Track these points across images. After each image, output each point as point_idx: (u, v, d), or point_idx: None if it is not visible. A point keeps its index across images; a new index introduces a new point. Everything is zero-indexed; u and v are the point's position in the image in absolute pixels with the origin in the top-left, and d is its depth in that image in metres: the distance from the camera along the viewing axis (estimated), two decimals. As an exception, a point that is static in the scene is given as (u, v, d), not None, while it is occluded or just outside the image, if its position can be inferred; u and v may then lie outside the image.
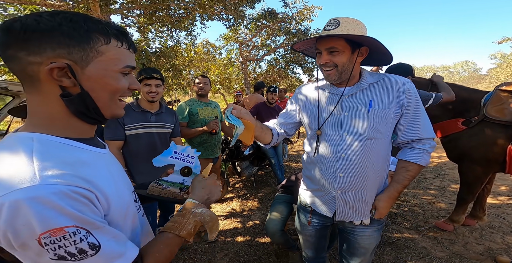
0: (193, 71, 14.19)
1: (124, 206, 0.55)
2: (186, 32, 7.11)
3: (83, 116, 0.50)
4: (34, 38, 0.43)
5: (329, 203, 1.06)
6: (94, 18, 0.48)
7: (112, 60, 0.49)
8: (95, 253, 0.43)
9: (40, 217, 0.39)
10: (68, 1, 4.23)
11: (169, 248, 0.57)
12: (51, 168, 0.42)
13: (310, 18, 8.73)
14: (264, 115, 3.32)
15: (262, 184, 3.84)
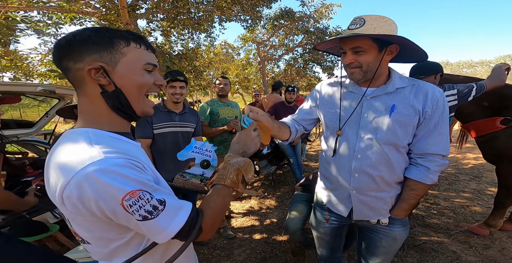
0: (213, 72, 14.50)
1: (163, 186, 0.63)
2: (205, 34, 7.30)
3: (120, 112, 0.59)
4: (75, 49, 0.54)
5: (344, 202, 1.05)
6: (114, 29, 0.59)
7: (134, 59, 0.57)
8: (164, 208, 0.52)
9: (115, 184, 0.47)
10: (101, 8, 4.55)
11: (221, 197, 0.65)
12: (107, 148, 0.51)
13: (328, 16, 8.54)
14: (283, 114, 3.34)
15: (280, 183, 3.86)
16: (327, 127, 1.06)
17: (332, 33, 8.96)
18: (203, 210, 0.61)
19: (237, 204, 3.25)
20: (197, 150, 0.83)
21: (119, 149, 0.53)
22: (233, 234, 2.46)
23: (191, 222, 0.56)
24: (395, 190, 1.01)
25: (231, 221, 2.81)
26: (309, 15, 8.89)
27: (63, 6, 4.29)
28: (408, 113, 0.90)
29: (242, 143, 0.76)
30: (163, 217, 0.52)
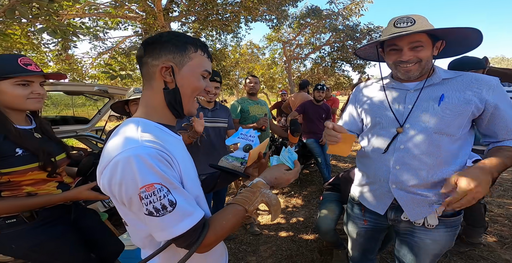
0: (239, 72, 14.74)
1: (193, 186, 0.65)
2: (232, 34, 7.46)
3: (172, 108, 0.66)
4: (157, 47, 0.63)
5: (381, 198, 1.00)
6: (187, 35, 0.67)
7: (197, 64, 0.65)
8: (172, 210, 0.54)
9: (140, 172, 0.51)
10: (141, 13, 4.91)
11: (235, 218, 0.63)
12: (148, 137, 0.56)
13: (359, 13, 8.18)
14: (311, 113, 3.30)
15: (307, 183, 3.82)
16: (382, 126, 1.01)
17: (363, 30, 8.50)
18: (212, 224, 0.60)
19: (263, 201, 3.28)
20: (242, 136, 0.90)
21: (158, 140, 0.57)
22: (259, 231, 2.49)
23: (193, 232, 0.56)
24: None
25: (257, 218, 2.86)
26: (338, 13, 8.61)
27: (110, 12, 4.73)
28: (459, 102, 0.87)
29: (278, 182, 0.74)
30: (168, 218, 0.53)
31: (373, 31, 8.35)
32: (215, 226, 0.60)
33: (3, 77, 0.92)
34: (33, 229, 1.01)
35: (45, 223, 1.04)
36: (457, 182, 0.75)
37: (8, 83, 0.93)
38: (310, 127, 3.35)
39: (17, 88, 0.94)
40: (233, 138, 0.90)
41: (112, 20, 5.51)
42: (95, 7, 4.86)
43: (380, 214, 1.03)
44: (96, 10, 4.90)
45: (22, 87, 0.95)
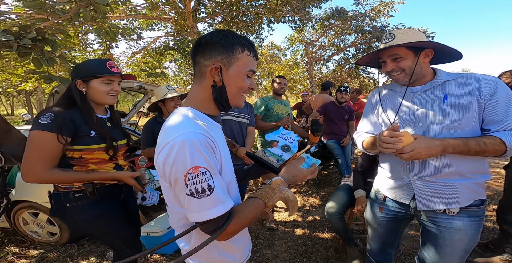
0: (259, 73, 14.89)
1: (228, 172, 0.71)
2: (255, 35, 7.58)
3: (217, 102, 0.72)
4: (208, 48, 0.67)
5: (405, 189, 1.07)
6: (237, 34, 0.70)
7: (243, 65, 0.69)
8: (210, 194, 0.58)
9: (191, 155, 0.57)
10: (173, 15, 5.21)
11: (255, 210, 0.67)
12: (199, 125, 0.63)
13: (388, 14, 7.92)
14: (333, 114, 3.31)
15: (325, 183, 3.83)
16: (385, 125, 1.13)
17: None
18: (236, 214, 0.64)
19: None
20: (282, 136, 0.94)
21: (206, 127, 0.65)
22: (276, 226, 2.56)
23: (222, 218, 0.61)
24: (467, 178, 0.96)
25: (274, 214, 2.92)
26: (364, 14, 8.41)
27: (146, 13, 5.09)
28: (462, 98, 0.95)
29: (296, 177, 0.78)
30: (205, 201, 0.58)
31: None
32: (238, 216, 0.64)
33: (96, 76, 1.14)
34: (93, 203, 1.18)
35: (102, 199, 1.21)
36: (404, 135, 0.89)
37: (98, 81, 1.15)
38: (331, 128, 3.36)
39: (103, 85, 1.16)
40: (274, 135, 0.94)
41: (147, 21, 5.90)
42: (133, 9, 5.26)
43: (404, 203, 1.08)
44: (134, 12, 5.29)
45: (106, 85, 1.17)
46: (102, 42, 4.44)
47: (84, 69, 1.15)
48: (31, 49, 1.50)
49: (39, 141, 1.01)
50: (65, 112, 1.07)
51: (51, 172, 1.04)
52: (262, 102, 2.56)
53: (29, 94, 16.16)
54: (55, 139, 1.02)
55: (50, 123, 1.02)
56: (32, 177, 1.04)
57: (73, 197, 1.15)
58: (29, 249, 2.34)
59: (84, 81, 1.15)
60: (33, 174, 1.02)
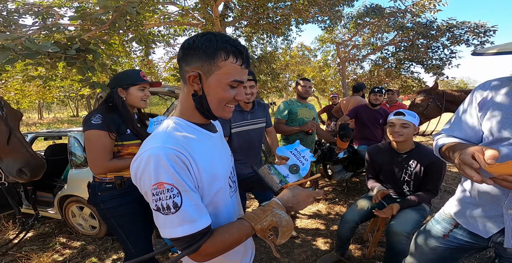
0: (289, 75, 14.75)
1: (214, 182, 0.66)
2: (282, 37, 7.52)
3: (201, 112, 0.67)
4: (189, 53, 0.62)
5: (489, 222, 0.87)
6: (225, 37, 0.62)
7: (225, 74, 0.62)
8: (175, 212, 0.56)
9: (155, 170, 0.55)
10: (202, 20, 5.45)
11: (239, 234, 0.62)
12: (171, 138, 0.60)
13: (435, 9, 7.18)
14: (365, 118, 3.10)
15: (355, 191, 3.61)
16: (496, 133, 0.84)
17: (442, 27, 7.34)
18: (213, 235, 0.61)
19: (305, 205, 3.23)
20: (295, 153, 0.85)
21: (181, 141, 0.60)
22: (296, 234, 2.47)
23: (191, 238, 0.57)
24: None
25: (295, 221, 2.83)
26: (405, 10, 7.77)
27: (178, 20, 5.41)
28: None
29: (296, 200, 0.70)
30: (171, 219, 0.56)
31: (455, 28, 7.13)
32: (215, 238, 0.60)
33: (134, 84, 1.37)
34: (118, 194, 1.32)
35: (126, 192, 1.34)
36: None
37: (135, 88, 1.38)
38: (363, 133, 3.15)
39: (139, 91, 1.39)
40: (286, 149, 0.85)
41: (180, 27, 6.28)
42: (167, 16, 5.65)
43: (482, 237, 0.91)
44: (168, 19, 5.69)
45: (141, 91, 1.40)
46: (142, 49, 4.84)
47: (123, 78, 1.38)
48: (76, 59, 1.66)
49: (97, 139, 1.22)
50: (109, 114, 1.29)
51: (111, 162, 1.26)
52: (286, 106, 2.48)
53: (89, 98, 18.39)
54: (107, 135, 1.23)
55: (102, 123, 1.23)
56: (100, 169, 1.25)
57: (104, 187, 1.32)
58: (73, 240, 2.61)
59: (124, 88, 1.37)
60: (100, 166, 1.24)
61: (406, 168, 1.74)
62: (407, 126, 1.66)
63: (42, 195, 2.98)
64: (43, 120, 22.66)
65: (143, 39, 2.01)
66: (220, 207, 0.70)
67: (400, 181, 1.79)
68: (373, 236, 2.01)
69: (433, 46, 7.82)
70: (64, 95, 8.60)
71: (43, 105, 25.71)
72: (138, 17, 1.91)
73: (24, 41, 1.30)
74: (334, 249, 2.01)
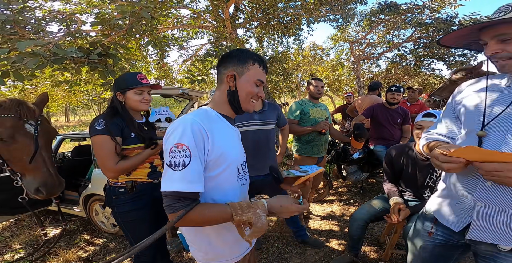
0: (301, 75, 14.64)
1: (223, 159, 0.79)
2: (294, 37, 7.48)
3: (231, 104, 0.88)
4: (227, 60, 0.86)
5: (460, 215, 0.88)
6: (252, 51, 0.89)
7: (252, 74, 0.85)
8: (182, 169, 0.69)
9: (182, 133, 0.71)
10: (213, 22, 5.55)
11: (218, 215, 0.72)
12: (201, 115, 0.80)
13: (455, 4, 6.82)
14: (381, 118, 3.01)
15: (371, 192, 3.51)
16: (465, 130, 0.90)
17: (464, 22, 6.96)
18: (199, 207, 0.70)
19: (317, 206, 3.20)
20: (309, 168, 1.11)
21: (206, 120, 0.78)
22: (309, 235, 2.44)
23: (180, 198, 0.68)
24: None
25: (308, 222, 2.80)
26: (423, 6, 7.46)
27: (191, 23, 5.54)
28: None
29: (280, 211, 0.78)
30: (175, 174, 0.69)
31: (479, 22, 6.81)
32: (197, 208, 0.70)
33: (130, 88, 1.34)
34: (130, 198, 1.35)
35: (137, 196, 1.37)
36: None
37: (132, 92, 1.36)
38: (379, 133, 3.06)
39: (136, 95, 1.36)
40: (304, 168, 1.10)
41: (192, 30, 6.43)
42: (180, 20, 5.80)
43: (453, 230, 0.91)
44: (181, 22, 5.84)
45: (138, 95, 1.37)
46: (157, 53, 5.00)
47: (120, 82, 1.36)
48: (98, 64, 1.75)
49: (101, 143, 1.24)
50: (112, 118, 1.30)
51: (119, 164, 1.26)
52: (298, 106, 2.46)
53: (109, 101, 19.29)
54: (111, 139, 1.25)
55: (104, 128, 1.25)
56: (110, 173, 1.28)
57: (118, 191, 1.34)
58: (96, 238, 2.73)
59: (122, 92, 1.36)
60: (109, 170, 1.26)
61: (432, 173, 1.63)
62: None
63: (69, 193, 3.15)
64: (70, 123, 24.04)
65: (157, 43, 2.09)
66: (226, 186, 0.82)
67: (422, 185, 1.69)
68: (390, 238, 1.95)
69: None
70: (87, 99, 9.06)
71: (69, 109, 27.21)
72: (153, 22, 1.99)
73: (52, 47, 1.39)
74: (347, 250, 1.97)
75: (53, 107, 9.40)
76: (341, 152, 3.18)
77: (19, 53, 1.34)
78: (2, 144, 1.21)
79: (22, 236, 2.78)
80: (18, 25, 1.73)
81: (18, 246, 2.61)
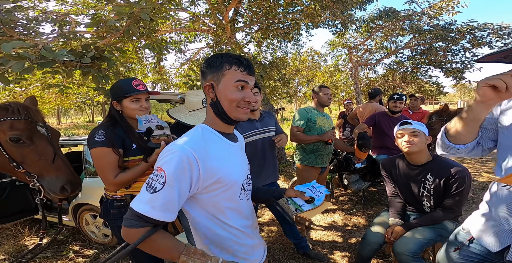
0: (298, 80, 14.67)
1: (225, 184, 0.76)
2: (292, 42, 7.48)
3: (219, 117, 0.79)
4: (205, 71, 0.79)
5: (498, 236, 0.87)
6: (228, 53, 0.79)
7: (229, 78, 0.76)
8: (151, 193, 0.68)
9: (167, 160, 0.69)
10: (212, 26, 5.48)
11: (166, 248, 0.71)
12: (192, 140, 0.73)
13: (453, 11, 6.92)
14: (384, 126, 2.94)
15: (372, 202, 3.44)
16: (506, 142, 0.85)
17: (462, 29, 7.05)
18: (156, 233, 0.71)
19: (319, 216, 3.10)
20: (312, 188, 1.00)
21: (201, 142, 0.74)
22: (311, 246, 2.35)
23: (139, 218, 0.68)
24: None
25: (310, 233, 2.70)
26: (421, 12, 7.54)
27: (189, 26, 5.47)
28: None
29: None
30: (146, 195, 0.69)
31: (477, 30, 6.83)
32: (154, 236, 0.70)
33: (125, 96, 1.25)
34: None
35: None
36: None
37: (128, 100, 1.26)
38: (382, 142, 2.99)
39: (132, 103, 1.27)
40: (304, 187, 1.00)
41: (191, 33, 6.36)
42: (179, 23, 5.72)
43: (490, 251, 0.90)
44: (180, 25, 5.76)
45: (134, 102, 1.27)
46: (155, 56, 4.90)
47: (115, 90, 1.28)
48: (91, 67, 1.64)
49: (103, 156, 1.18)
50: (112, 129, 1.23)
51: (118, 177, 1.19)
52: (304, 114, 2.35)
53: (104, 104, 19.05)
54: (112, 152, 1.18)
55: (105, 140, 1.18)
56: (111, 186, 1.21)
57: (116, 204, 1.27)
58: (86, 248, 2.58)
59: (118, 101, 1.27)
60: (109, 183, 1.20)
61: (424, 182, 1.61)
62: (417, 134, 1.55)
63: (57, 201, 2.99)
64: (61, 125, 23.60)
65: (155, 46, 1.99)
66: (228, 205, 0.79)
67: (419, 196, 1.66)
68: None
69: (453, 49, 7.52)
70: (80, 101, 8.85)
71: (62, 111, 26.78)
72: (151, 24, 1.90)
73: (40, 50, 1.28)
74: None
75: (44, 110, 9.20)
76: (343, 161, 3.10)
77: (4, 55, 1.23)
78: (17, 146, 1.19)
79: (6, 246, 2.61)
80: (7, 25, 1.61)
81: (2, 257, 2.44)
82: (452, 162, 1.57)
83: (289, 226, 2.16)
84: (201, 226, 0.80)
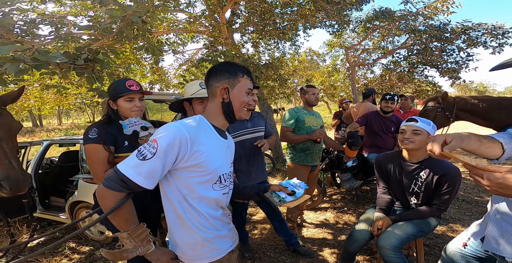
0: (297, 80, 14.72)
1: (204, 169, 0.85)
2: (290, 42, 7.52)
3: (226, 115, 0.93)
4: (218, 74, 0.92)
5: (480, 225, 0.96)
6: (237, 64, 0.96)
7: (243, 85, 0.93)
8: (140, 160, 0.77)
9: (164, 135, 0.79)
10: (209, 27, 5.54)
11: (122, 217, 0.82)
12: (188, 125, 0.85)
13: (448, 11, 6.95)
14: (376, 126, 2.99)
15: (365, 200, 3.49)
16: None
17: (457, 29, 7.03)
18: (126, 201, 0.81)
19: (311, 214, 3.15)
20: (293, 184, 1.18)
21: (194, 129, 0.84)
22: (302, 243, 2.39)
23: (123, 181, 0.76)
24: None
25: (302, 230, 2.75)
26: (416, 13, 7.58)
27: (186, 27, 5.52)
28: None
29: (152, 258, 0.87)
30: (134, 160, 0.78)
31: (471, 30, 6.83)
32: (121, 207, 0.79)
33: (120, 96, 1.32)
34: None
35: None
36: None
37: (122, 100, 1.34)
38: (374, 141, 3.05)
39: (126, 103, 1.34)
40: (287, 183, 1.18)
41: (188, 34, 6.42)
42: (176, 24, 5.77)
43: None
44: (177, 27, 5.82)
45: (128, 102, 1.35)
46: (152, 57, 4.95)
47: (111, 90, 1.35)
48: (85, 69, 1.70)
49: (94, 152, 1.24)
50: (105, 127, 1.30)
51: (109, 172, 1.22)
52: (293, 114, 2.40)
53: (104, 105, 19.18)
54: (103, 148, 1.25)
55: (97, 137, 1.25)
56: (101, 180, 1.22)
57: None
58: (82, 245, 2.64)
59: (113, 100, 1.35)
60: (101, 178, 1.23)
61: (416, 178, 1.65)
62: (419, 133, 1.57)
63: (55, 200, 3.06)
64: (62, 126, 23.68)
65: (150, 48, 2.05)
66: (203, 192, 0.88)
67: (408, 192, 1.70)
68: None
69: (448, 49, 7.54)
70: (80, 102, 8.91)
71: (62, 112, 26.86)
72: (145, 26, 1.95)
73: (34, 52, 1.34)
74: (340, 260, 1.92)
75: (45, 110, 9.26)
76: (335, 160, 3.15)
77: (0, 58, 1.29)
78: None
79: (4, 244, 2.67)
80: (4, 28, 1.67)
81: (-1, 255, 2.50)
82: (446, 161, 1.60)
83: (279, 224, 2.21)
84: (171, 203, 0.89)
